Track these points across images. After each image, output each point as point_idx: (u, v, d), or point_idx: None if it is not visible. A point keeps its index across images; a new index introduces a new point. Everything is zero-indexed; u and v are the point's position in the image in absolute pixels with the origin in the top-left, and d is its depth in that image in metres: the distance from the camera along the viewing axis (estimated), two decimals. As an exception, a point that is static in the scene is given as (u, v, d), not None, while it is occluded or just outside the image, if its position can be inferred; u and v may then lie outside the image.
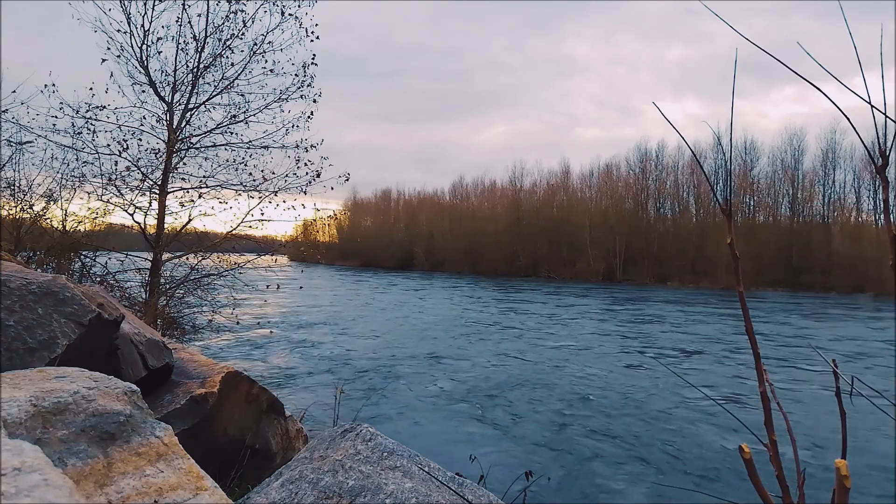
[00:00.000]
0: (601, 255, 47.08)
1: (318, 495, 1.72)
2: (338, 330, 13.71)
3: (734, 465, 5.20)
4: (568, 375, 9.08)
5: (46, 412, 1.22)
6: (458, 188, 64.88)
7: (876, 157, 0.72)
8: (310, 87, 7.08)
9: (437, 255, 56.14)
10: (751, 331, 0.81)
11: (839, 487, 0.68)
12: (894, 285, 1.06)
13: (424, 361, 9.95)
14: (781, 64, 0.75)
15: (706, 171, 49.83)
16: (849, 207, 45.25)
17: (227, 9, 6.72)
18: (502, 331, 14.25)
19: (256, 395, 3.05)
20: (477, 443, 5.73)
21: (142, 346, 2.49)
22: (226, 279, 7.24)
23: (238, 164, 7.06)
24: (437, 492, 1.77)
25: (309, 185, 7.06)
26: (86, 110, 6.33)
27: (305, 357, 10.15)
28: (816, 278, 38.28)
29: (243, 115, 7.05)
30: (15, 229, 6.15)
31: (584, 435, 6.10)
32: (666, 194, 50.96)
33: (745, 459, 0.77)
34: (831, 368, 0.83)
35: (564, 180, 55.51)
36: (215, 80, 6.90)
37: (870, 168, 36.22)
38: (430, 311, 18.65)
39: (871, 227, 41.76)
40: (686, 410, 7.13)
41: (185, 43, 6.66)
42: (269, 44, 6.90)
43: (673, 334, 14.54)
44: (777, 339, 13.89)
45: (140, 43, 6.48)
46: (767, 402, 0.80)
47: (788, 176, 46.57)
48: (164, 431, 1.40)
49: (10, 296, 1.87)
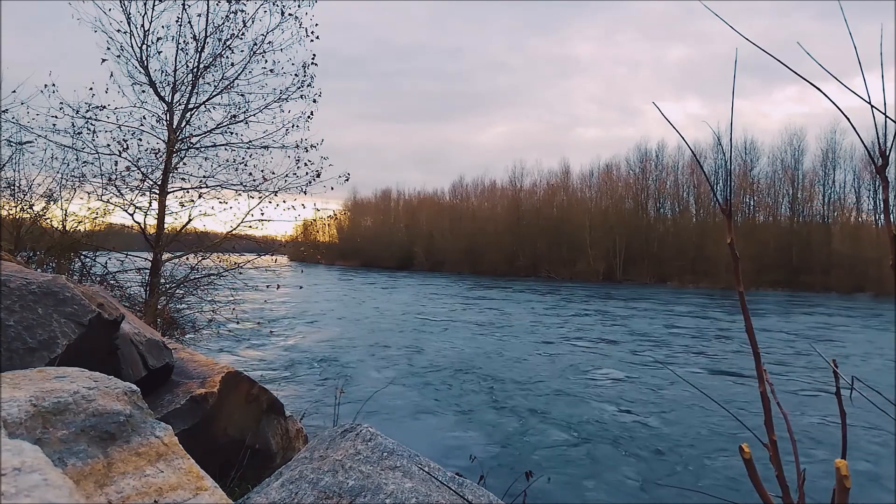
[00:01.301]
0: (601, 255, 47.08)
1: (318, 495, 1.72)
2: (338, 330, 13.71)
3: (734, 465, 5.19)
4: (568, 376, 9.08)
5: (46, 412, 1.22)
6: (458, 188, 64.97)
7: (876, 157, 0.72)
8: (310, 87, 7.08)
9: (437, 255, 56.13)
10: (751, 331, 0.81)
11: (839, 487, 0.68)
12: (894, 285, 1.06)
13: (425, 361, 9.95)
14: (781, 64, 0.75)
15: (706, 171, 49.84)
16: (849, 207, 45.30)
17: (227, 9, 6.72)
18: (502, 331, 14.25)
19: (256, 395, 3.05)
20: (477, 443, 5.73)
21: (142, 346, 2.48)
22: (226, 279, 7.23)
23: (238, 164, 7.06)
24: (437, 492, 1.77)
25: (309, 185, 7.06)
26: (86, 110, 6.33)
27: (305, 357, 10.15)
28: (816, 278, 38.28)
29: (243, 115, 7.04)
30: (15, 229, 6.14)
31: (584, 435, 6.10)
32: (666, 194, 50.97)
33: (745, 459, 0.77)
34: (831, 368, 0.83)
35: (564, 180, 55.55)
36: (215, 80, 6.90)
37: (870, 168, 36.22)
38: (430, 312, 18.65)
39: (871, 227, 41.74)
40: (686, 410, 7.13)
41: (185, 43, 6.66)
42: (269, 44, 6.90)
43: (673, 334, 14.54)
44: (777, 339, 13.88)
45: (140, 43, 6.48)
46: (767, 402, 0.80)
47: (788, 176, 46.59)
48: (164, 431, 1.40)
49: (10, 296, 1.87)
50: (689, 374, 9.42)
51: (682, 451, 5.64)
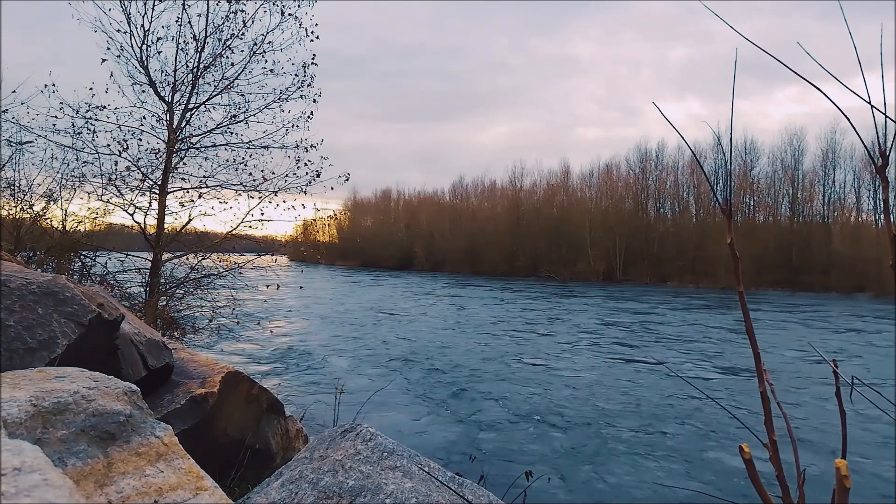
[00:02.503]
0: (601, 254, 47.06)
1: (318, 495, 1.72)
2: (337, 330, 13.71)
3: (734, 464, 5.20)
4: (568, 376, 9.08)
5: (46, 412, 1.22)
6: (458, 188, 64.91)
7: (876, 157, 0.72)
8: (310, 87, 7.08)
9: (437, 255, 56.11)
10: (751, 331, 0.81)
11: (839, 487, 0.68)
12: (894, 285, 1.06)
13: (425, 361, 9.95)
14: (782, 64, 0.75)
15: (706, 171, 49.82)
16: (849, 207, 45.25)
17: (227, 9, 6.72)
18: (502, 331, 14.25)
19: (256, 395, 3.05)
20: (477, 443, 5.74)
21: (142, 346, 2.49)
22: (226, 279, 7.23)
23: (238, 164, 7.06)
24: (437, 492, 1.77)
25: (309, 185, 7.06)
26: (86, 110, 6.33)
27: (305, 357, 10.15)
28: (816, 278, 38.24)
29: (243, 115, 7.05)
30: (15, 229, 6.14)
31: (584, 435, 6.10)
32: (666, 194, 50.95)
33: (745, 459, 0.77)
34: (831, 368, 0.83)
35: (564, 180, 55.50)
36: (215, 80, 6.91)
37: (870, 168, 36.21)
38: (430, 312, 18.65)
39: (871, 227, 41.71)
40: (686, 410, 7.13)
41: (184, 43, 6.66)
42: (269, 44, 6.90)
43: (673, 334, 14.54)
44: (777, 339, 13.88)
45: (140, 43, 6.48)
46: (767, 402, 0.80)
47: (788, 176, 46.56)
48: (164, 431, 1.40)
49: (10, 296, 1.87)
50: (689, 374, 9.42)
51: (683, 451, 5.64)
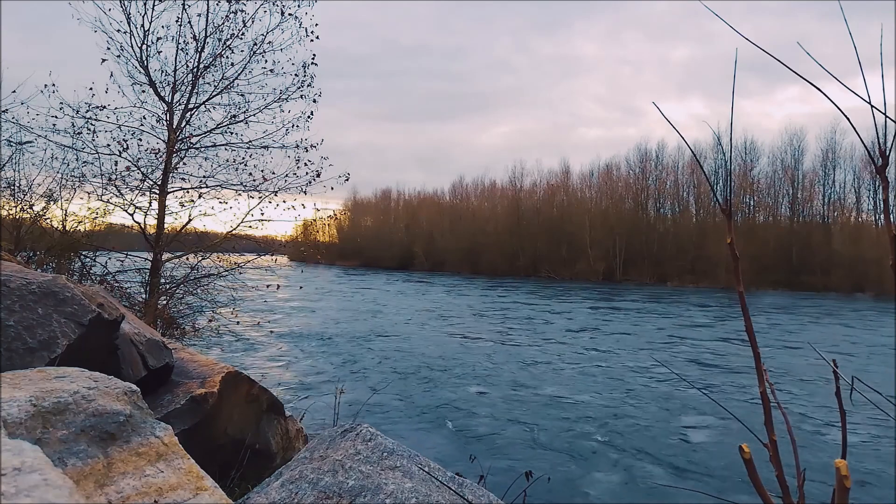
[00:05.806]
0: (601, 254, 47.04)
1: (318, 495, 1.72)
2: (337, 330, 13.71)
3: (734, 464, 5.19)
4: (568, 376, 9.08)
5: (46, 412, 1.22)
6: (458, 188, 64.91)
7: (876, 157, 0.72)
8: (310, 86, 7.08)
9: (437, 256, 56.09)
10: (751, 331, 0.81)
11: (839, 487, 0.68)
12: (894, 285, 1.06)
13: (424, 361, 9.95)
14: (782, 64, 0.75)
15: (706, 171, 49.81)
16: (849, 207, 45.24)
17: (227, 9, 6.72)
18: (502, 331, 14.25)
19: (256, 395, 3.05)
20: (477, 443, 5.73)
21: (142, 346, 2.48)
22: (226, 279, 7.23)
23: (238, 164, 7.06)
24: (437, 492, 1.77)
25: (309, 185, 7.06)
26: (86, 110, 6.33)
27: (305, 357, 10.15)
28: (816, 278, 38.23)
29: (243, 115, 7.05)
30: (15, 229, 6.15)
31: (584, 435, 6.10)
32: (666, 194, 50.93)
33: (745, 459, 0.77)
34: (831, 368, 0.83)
35: (564, 180, 55.49)
36: (215, 80, 6.91)
37: (870, 168, 36.22)
38: (430, 312, 18.65)
39: (871, 227, 41.69)
40: (687, 410, 7.13)
41: (184, 43, 6.66)
42: (269, 44, 6.90)
43: (673, 334, 14.54)
44: (777, 339, 13.88)
45: (140, 43, 6.48)
46: (767, 402, 0.80)
47: (788, 176, 46.55)
48: (164, 431, 1.40)
49: (10, 296, 1.87)
50: (690, 374, 9.42)
51: (683, 451, 5.64)
